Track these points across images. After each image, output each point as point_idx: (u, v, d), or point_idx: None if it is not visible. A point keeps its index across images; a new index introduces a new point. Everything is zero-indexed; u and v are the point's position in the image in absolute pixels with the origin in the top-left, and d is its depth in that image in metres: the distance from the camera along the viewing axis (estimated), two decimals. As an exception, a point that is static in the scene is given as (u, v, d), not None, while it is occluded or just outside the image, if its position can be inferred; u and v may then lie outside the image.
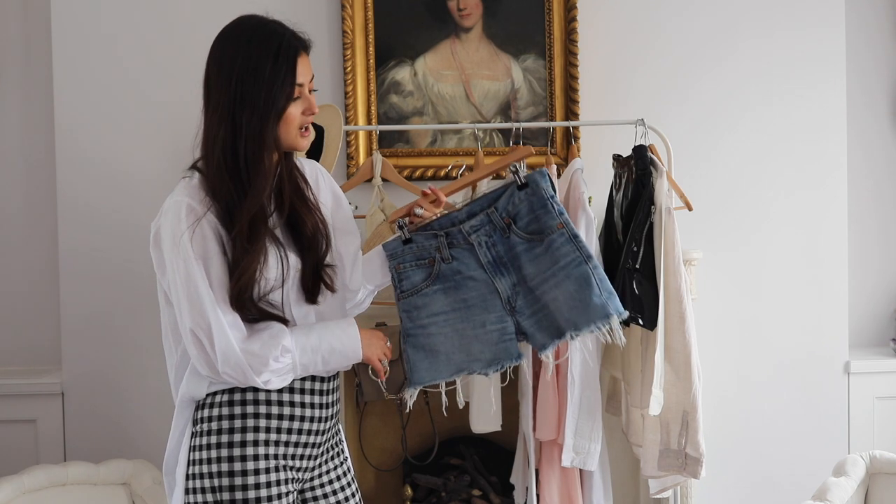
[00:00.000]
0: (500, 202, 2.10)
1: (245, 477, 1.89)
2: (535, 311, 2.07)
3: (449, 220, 2.11)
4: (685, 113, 3.32)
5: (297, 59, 1.91)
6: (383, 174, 3.04)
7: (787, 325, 3.35)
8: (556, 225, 2.05)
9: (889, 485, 2.75)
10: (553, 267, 2.05)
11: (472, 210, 2.11)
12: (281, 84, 1.88)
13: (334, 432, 2.09)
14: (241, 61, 1.87)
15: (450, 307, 2.09)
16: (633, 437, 2.80)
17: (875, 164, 3.58)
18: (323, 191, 2.11)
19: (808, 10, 3.33)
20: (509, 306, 2.08)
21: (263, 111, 1.87)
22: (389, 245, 2.11)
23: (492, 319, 2.08)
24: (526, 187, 2.08)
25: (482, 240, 2.09)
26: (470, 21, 3.31)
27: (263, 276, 1.89)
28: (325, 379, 2.02)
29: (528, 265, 2.07)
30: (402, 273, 2.10)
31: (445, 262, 2.09)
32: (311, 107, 1.95)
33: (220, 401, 1.93)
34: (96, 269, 3.28)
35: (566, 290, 2.03)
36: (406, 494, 3.28)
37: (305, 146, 1.98)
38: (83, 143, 3.31)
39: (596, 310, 2.01)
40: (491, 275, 2.08)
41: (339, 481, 2.07)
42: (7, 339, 3.46)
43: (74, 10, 3.30)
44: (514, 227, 2.08)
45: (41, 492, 2.77)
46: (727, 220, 3.34)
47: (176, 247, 1.84)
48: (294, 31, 1.94)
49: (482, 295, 2.08)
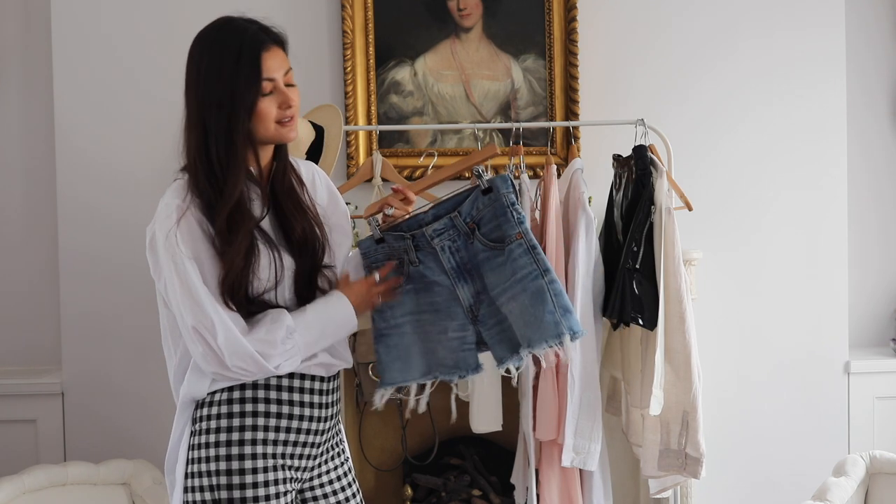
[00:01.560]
0: (464, 206, 2.02)
1: (243, 476, 1.89)
2: (497, 323, 2.01)
3: (416, 221, 2.04)
4: (685, 113, 3.32)
5: (263, 55, 1.90)
6: (383, 174, 3.04)
7: (787, 324, 3.35)
8: (516, 235, 1.97)
9: (889, 485, 2.75)
10: (511, 278, 1.96)
11: (438, 213, 2.03)
12: (245, 80, 1.88)
13: (335, 432, 2.08)
14: (207, 63, 1.91)
15: (419, 308, 2.04)
16: (633, 437, 2.80)
17: (875, 164, 3.58)
18: (319, 191, 2.10)
19: (808, 10, 3.33)
20: (472, 315, 2.02)
21: (230, 109, 1.88)
22: (363, 244, 2.07)
23: (453, 327, 2.03)
24: (490, 192, 2.00)
25: (445, 244, 2.02)
26: (470, 21, 3.31)
27: (256, 275, 1.89)
28: (326, 378, 2.01)
29: (489, 274, 2.00)
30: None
31: (413, 266, 2.04)
32: (286, 100, 1.92)
33: (220, 399, 1.93)
34: (96, 268, 3.28)
35: (521, 304, 1.95)
36: (406, 494, 3.28)
37: (292, 137, 1.96)
38: (83, 142, 3.31)
39: (548, 327, 1.92)
40: (453, 281, 2.02)
41: (339, 481, 2.07)
42: (7, 339, 3.46)
43: (74, 10, 3.30)
44: (477, 232, 2.01)
45: (41, 492, 2.76)
46: (727, 220, 3.34)
47: (168, 249, 1.86)
48: (262, 26, 1.94)
49: (446, 301, 2.03)
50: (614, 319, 2.68)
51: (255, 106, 1.89)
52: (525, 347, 1.95)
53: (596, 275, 2.72)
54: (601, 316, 2.74)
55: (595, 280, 2.71)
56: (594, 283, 2.71)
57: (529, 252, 1.96)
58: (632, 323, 2.63)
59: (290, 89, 1.95)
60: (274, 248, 1.92)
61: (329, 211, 2.10)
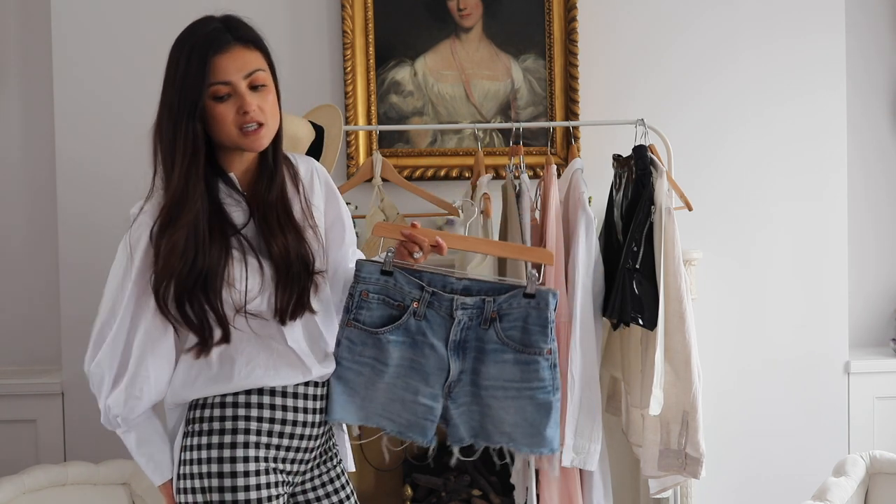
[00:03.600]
0: (500, 296, 1.99)
1: (235, 478, 1.87)
2: (470, 405, 2.00)
3: (442, 280, 1.99)
4: (685, 113, 3.32)
5: (214, 57, 1.81)
6: (383, 174, 3.04)
7: (787, 324, 3.35)
8: (546, 350, 1.98)
9: (889, 485, 2.75)
10: (518, 382, 1.98)
11: (470, 287, 2.00)
12: (191, 83, 1.81)
13: (328, 437, 2.06)
14: (166, 66, 1.87)
15: (395, 362, 1.98)
16: (633, 437, 2.80)
17: (875, 166, 3.58)
18: (316, 190, 2.04)
19: (808, 15, 3.34)
20: (447, 390, 2.00)
21: (177, 111, 1.83)
22: (366, 266, 1.98)
23: (426, 393, 1.98)
24: (532, 298, 1.98)
25: (463, 320, 1.99)
26: (470, 21, 3.31)
27: (229, 283, 1.85)
28: (319, 384, 1.98)
29: (490, 364, 1.99)
30: (366, 302, 1.97)
31: (416, 318, 1.98)
32: (242, 105, 1.83)
33: (213, 402, 1.91)
34: (96, 269, 3.26)
35: (522, 409, 1.98)
36: (406, 494, 3.28)
37: (255, 147, 1.87)
38: (83, 145, 3.31)
39: (544, 440, 1.99)
40: (450, 353, 1.99)
41: (331, 484, 2.04)
42: (7, 340, 3.46)
43: (74, 11, 3.30)
44: (496, 323, 1.99)
45: (41, 492, 2.76)
46: (727, 221, 3.34)
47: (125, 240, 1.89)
48: (229, 25, 1.86)
49: (432, 366, 1.98)
50: (614, 319, 2.68)
51: (196, 110, 1.82)
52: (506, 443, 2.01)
53: (596, 275, 2.72)
54: (601, 316, 2.74)
55: (595, 280, 2.71)
56: (594, 283, 2.71)
57: (551, 369, 1.99)
58: (632, 323, 2.63)
59: (255, 93, 1.85)
60: (253, 256, 1.88)
61: (328, 211, 2.05)
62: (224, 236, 1.86)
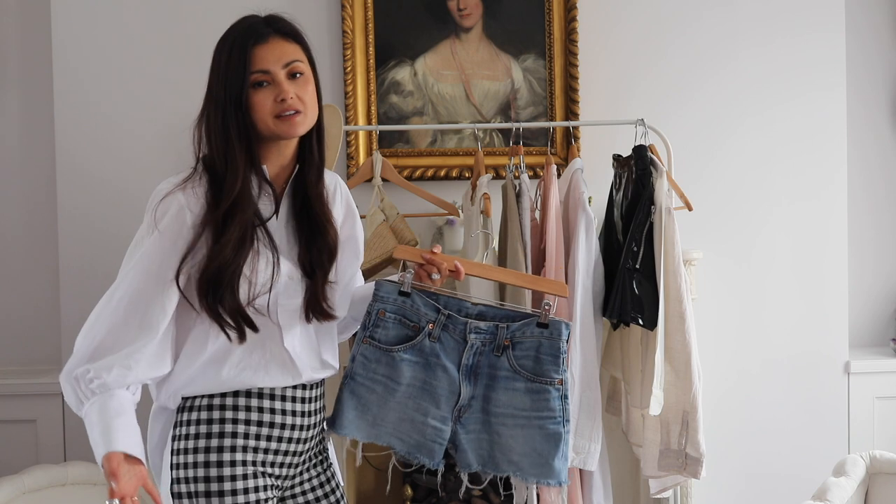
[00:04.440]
0: (514, 324, 2.04)
1: (222, 483, 1.86)
2: (479, 433, 2.03)
3: (458, 304, 2.03)
4: (686, 113, 3.32)
5: (253, 47, 1.85)
6: (383, 174, 3.04)
7: (787, 324, 3.35)
8: (557, 380, 2.02)
9: (889, 485, 2.75)
10: (528, 411, 2.01)
11: (485, 312, 2.04)
12: (234, 72, 1.84)
13: (319, 440, 2.04)
14: (211, 63, 1.89)
15: (408, 381, 2.00)
16: (633, 437, 2.80)
17: (875, 166, 3.58)
18: (337, 205, 2.05)
19: (808, 15, 3.34)
20: (457, 414, 2.02)
21: (224, 103, 1.84)
22: (384, 287, 2.01)
23: (436, 415, 2.01)
24: (545, 328, 2.02)
25: (476, 344, 2.02)
26: (470, 21, 3.31)
27: (250, 277, 1.86)
28: (309, 386, 1.98)
29: (501, 391, 2.02)
30: (382, 321, 2.01)
31: (431, 340, 2.01)
32: (280, 92, 1.86)
33: (200, 405, 1.90)
34: (96, 268, 3.28)
35: (530, 438, 2.01)
36: (406, 494, 3.28)
37: (291, 133, 1.89)
38: (83, 145, 3.31)
39: (552, 471, 2.01)
40: (462, 377, 2.02)
41: (321, 488, 2.03)
42: (7, 340, 3.46)
43: (74, 13, 3.30)
44: (509, 351, 2.03)
45: (41, 492, 2.76)
46: (727, 221, 3.34)
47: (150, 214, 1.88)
48: (262, 18, 1.90)
49: (443, 388, 2.01)
50: (614, 319, 2.68)
51: (241, 98, 1.84)
52: (513, 472, 2.03)
53: (596, 275, 2.72)
54: (601, 316, 2.74)
55: (595, 280, 2.71)
56: (594, 283, 2.71)
57: (562, 400, 2.02)
58: (632, 323, 2.63)
59: (293, 82, 1.88)
60: (274, 252, 1.89)
61: (344, 227, 2.06)
62: (253, 227, 1.88)
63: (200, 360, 1.89)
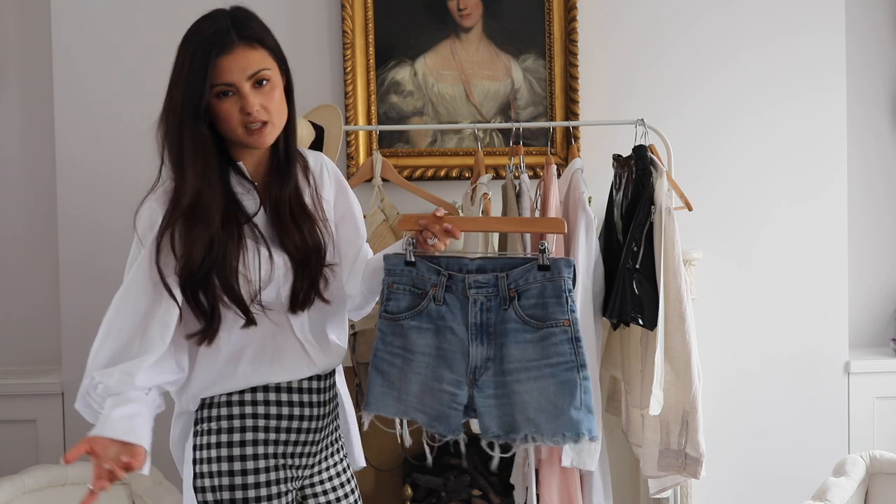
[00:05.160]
0: (514, 271, 1.95)
1: (245, 476, 1.90)
2: (497, 395, 1.94)
3: (458, 262, 1.98)
4: (686, 113, 3.32)
5: (218, 58, 1.82)
6: (383, 174, 3.04)
7: (787, 324, 3.35)
8: (563, 321, 1.91)
9: (889, 485, 2.75)
10: (539, 360, 1.91)
11: (483, 265, 1.97)
12: (195, 84, 1.82)
13: (333, 428, 2.08)
14: (173, 65, 1.88)
15: (421, 350, 1.98)
16: (633, 437, 2.80)
17: (875, 166, 3.58)
18: (326, 184, 2.05)
19: (808, 15, 3.33)
20: (472, 376, 1.95)
21: (181, 111, 1.83)
22: (391, 259, 2.00)
23: (449, 380, 1.96)
24: (546, 270, 1.93)
25: (480, 299, 1.96)
26: (470, 21, 3.31)
27: (243, 273, 1.87)
28: (322, 377, 2.01)
29: (513, 346, 1.94)
30: (393, 293, 1.99)
31: (436, 303, 1.97)
32: (245, 105, 1.84)
33: (220, 401, 1.94)
34: (96, 268, 3.29)
35: (543, 389, 1.90)
36: (406, 494, 3.28)
37: (261, 145, 1.89)
38: (83, 144, 3.31)
39: (569, 423, 1.88)
40: (470, 336, 1.96)
41: (338, 478, 2.08)
42: (7, 340, 3.46)
43: (74, 11, 3.30)
44: (515, 302, 1.94)
45: (41, 492, 2.77)
46: (727, 221, 3.34)
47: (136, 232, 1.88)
48: (227, 20, 1.86)
49: (454, 351, 1.96)
50: (614, 319, 2.68)
51: (199, 109, 1.82)
52: (531, 432, 1.90)
53: (596, 275, 2.72)
54: (601, 316, 2.74)
55: (595, 280, 2.71)
56: (594, 283, 2.71)
57: (572, 342, 1.91)
58: (632, 323, 2.63)
59: (258, 91, 1.86)
60: (265, 245, 1.90)
61: (337, 204, 2.07)
62: (238, 224, 1.88)
63: (217, 363, 1.92)
